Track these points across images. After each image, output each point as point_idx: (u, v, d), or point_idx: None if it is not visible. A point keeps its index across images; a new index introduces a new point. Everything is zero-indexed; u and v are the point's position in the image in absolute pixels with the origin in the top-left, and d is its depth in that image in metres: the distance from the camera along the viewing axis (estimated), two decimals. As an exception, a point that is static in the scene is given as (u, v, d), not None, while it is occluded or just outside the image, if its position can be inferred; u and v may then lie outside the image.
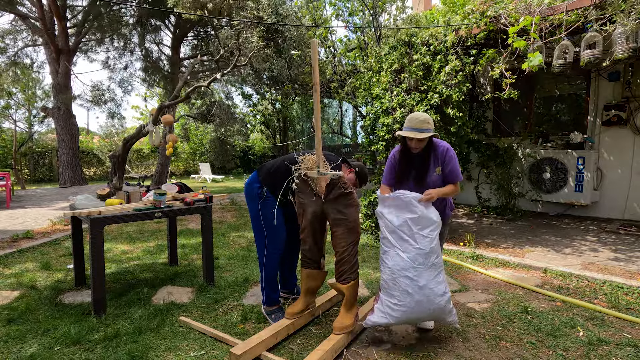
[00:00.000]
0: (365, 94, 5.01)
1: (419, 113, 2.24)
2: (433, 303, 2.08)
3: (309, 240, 2.40)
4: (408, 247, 2.12)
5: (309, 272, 2.44)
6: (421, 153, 2.29)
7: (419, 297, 2.07)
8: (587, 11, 3.32)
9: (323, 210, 2.34)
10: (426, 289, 2.07)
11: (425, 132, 2.17)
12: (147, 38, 11.43)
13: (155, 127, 4.61)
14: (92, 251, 2.53)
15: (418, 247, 2.10)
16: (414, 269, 2.08)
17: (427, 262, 2.10)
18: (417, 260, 2.09)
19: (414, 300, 2.07)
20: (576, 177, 5.52)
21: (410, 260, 2.10)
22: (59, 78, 11.24)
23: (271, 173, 2.52)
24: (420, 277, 2.08)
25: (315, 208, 2.33)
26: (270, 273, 2.58)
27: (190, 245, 4.55)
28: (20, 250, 4.25)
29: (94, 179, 15.78)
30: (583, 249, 4.09)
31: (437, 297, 2.08)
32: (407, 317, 2.11)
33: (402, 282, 2.10)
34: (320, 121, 2.29)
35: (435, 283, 2.10)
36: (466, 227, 5.23)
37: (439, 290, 2.09)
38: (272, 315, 2.53)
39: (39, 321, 2.52)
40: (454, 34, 4.01)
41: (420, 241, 2.11)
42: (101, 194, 3.44)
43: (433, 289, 2.08)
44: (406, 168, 2.35)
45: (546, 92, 6.32)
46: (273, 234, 2.52)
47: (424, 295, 2.07)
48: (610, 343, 2.22)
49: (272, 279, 2.60)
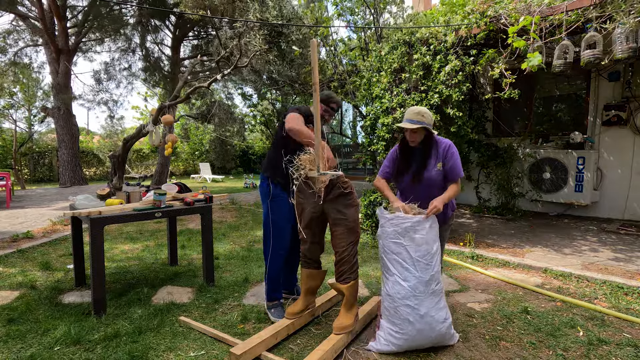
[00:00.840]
0: (365, 93, 5.01)
1: (417, 107, 2.26)
2: (434, 330, 2.06)
3: (308, 240, 2.40)
4: (408, 276, 2.09)
5: (308, 272, 2.44)
6: (421, 148, 2.28)
7: (420, 326, 2.05)
8: (587, 11, 3.32)
9: (323, 210, 2.33)
10: (427, 317, 2.06)
11: (416, 123, 2.16)
12: (148, 38, 11.43)
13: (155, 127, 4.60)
14: (92, 251, 2.53)
15: (419, 275, 2.08)
16: (415, 298, 2.07)
17: (428, 290, 2.08)
18: (417, 289, 2.07)
19: (415, 329, 2.06)
20: (576, 177, 5.52)
21: (410, 289, 2.08)
22: (59, 78, 11.24)
23: (269, 160, 2.62)
24: (421, 306, 2.07)
25: (315, 208, 2.33)
26: (274, 272, 2.61)
27: (190, 246, 4.55)
28: (20, 250, 4.26)
29: (94, 179, 15.79)
30: (583, 249, 4.09)
31: (438, 324, 2.07)
32: (409, 345, 2.09)
33: (403, 311, 2.09)
34: (320, 121, 2.29)
35: (436, 310, 2.09)
36: (466, 227, 5.23)
37: (440, 317, 2.09)
38: (272, 310, 2.59)
39: (39, 321, 2.52)
40: (454, 34, 4.01)
41: (421, 269, 2.09)
42: (101, 194, 3.44)
43: (434, 317, 2.07)
44: (405, 162, 2.34)
45: (546, 92, 6.32)
46: (279, 234, 2.56)
47: (425, 324, 2.06)
48: (610, 343, 2.22)
49: (275, 279, 2.62)
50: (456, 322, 2.52)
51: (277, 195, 2.56)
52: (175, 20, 10.97)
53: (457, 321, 2.53)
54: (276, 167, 2.51)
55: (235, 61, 5.99)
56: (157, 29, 11.61)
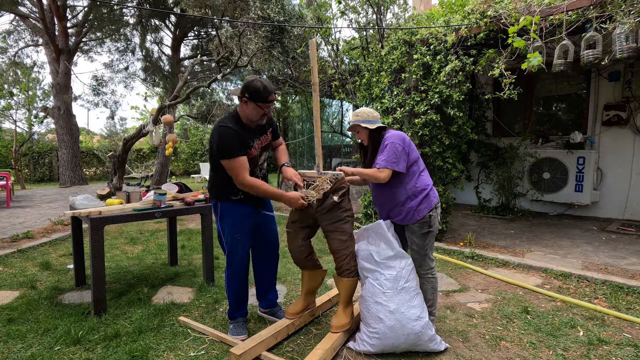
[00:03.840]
0: (365, 94, 5.01)
1: (360, 108, 2.37)
2: (406, 328, 2.03)
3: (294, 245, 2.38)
4: (377, 275, 2.16)
5: (308, 273, 2.44)
6: (370, 144, 2.32)
7: (390, 322, 2.04)
8: (587, 11, 3.32)
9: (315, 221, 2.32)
10: (397, 313, 2.05)
11: (353, 123, 2.29)
12: (148, 38, 11.43)
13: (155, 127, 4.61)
14: (92, 251, 2.53)
15: (384, 273, 2.14)
16: (384, 294, 2.10)
17: (396, 287, 2.10)
18: (385, 285, 2.11)
19: (386, 326, 2.05)
20: (576, 177, 5.52)
21: (379, 287, 2.12)
22: (59, 78, 11.24)
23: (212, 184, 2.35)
24: (390, 302, 2.08)
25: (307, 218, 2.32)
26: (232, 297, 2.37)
27: (190, 245, 4.55)
28: (20, 250, 4.26)
29: (94, 179, 15.78)
30: (583, 249, 4.09)
31: (410, 321, 2.04)
32: (383, 343, 2.07)
33: (373, 309, 2.11)
34: (320, 121, 2.29)
35: (408, 307, 2.07)
36: (466, 227, 5.23)
37: (412, 315, 2.05)
38: (230, 326, 2.36)
39: (39, 321, 2.52)
40: (454, 34, 4.01)
41: (385, 270, 2.14)
42: (101, 194, 3.44)
43: (404, 313, 2.05)
44: (362, 158, 2.45)
45: (546, 92, 6.32)
46: (230, 253, 2.33)
47: (395, 320, 2.04)
48: (610, 343, 2.22)
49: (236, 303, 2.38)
50: (456, 322, 2.52)
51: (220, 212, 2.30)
52: (175, 20, 10.96)
53: (457, 321, 2.53)
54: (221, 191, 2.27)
55: (236, 61, 6.00)
56: (157, 29, 11.62)
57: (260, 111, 2.11)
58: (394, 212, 2.26)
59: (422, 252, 2.26)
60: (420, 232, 2.22)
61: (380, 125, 2.27)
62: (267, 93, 2.08)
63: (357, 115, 2.29)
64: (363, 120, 2.26)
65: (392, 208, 2.26)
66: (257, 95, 2.07)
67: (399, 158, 2.14)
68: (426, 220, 2.20)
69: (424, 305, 2.16)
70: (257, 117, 2.14)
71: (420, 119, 4.18)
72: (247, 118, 2.16)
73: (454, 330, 2.40)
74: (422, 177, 2.25)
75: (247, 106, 2.12)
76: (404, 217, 2.23)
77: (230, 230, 2.29)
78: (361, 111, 2.29)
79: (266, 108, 2.11)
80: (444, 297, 2.96)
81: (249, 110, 2.12)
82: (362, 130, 2.30)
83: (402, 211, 2.22)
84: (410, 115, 4.39)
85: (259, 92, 2.07)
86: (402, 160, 2.15)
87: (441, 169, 4.39)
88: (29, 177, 14.41)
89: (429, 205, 2.21)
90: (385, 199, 2.28)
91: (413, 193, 2.19)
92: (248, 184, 2.10)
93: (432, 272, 2.31)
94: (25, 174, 13.95)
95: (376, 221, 2.27)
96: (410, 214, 2.20)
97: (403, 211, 2.22)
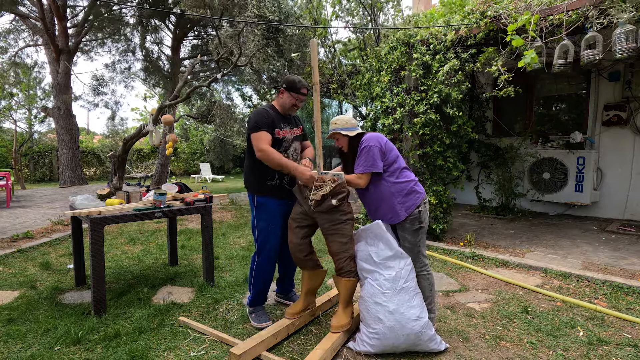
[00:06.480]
0: (365, 93, 5.01)
1: (339, 116, 2.39)
2: (406, 328, 2.03)
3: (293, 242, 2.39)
4: (376, 276, 2.16)
5: (308, 273, 2.44)
6: (350, 151, 2.35)
7: (390, 323, 2.04)
8: (587, 11, 3.32)
9: (314, 221, 2.33)
10: (397, 314, 2.05)
11: (331, 132, 2.34)
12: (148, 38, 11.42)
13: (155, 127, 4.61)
14: (92, 251, 2.53)
15: (383, 274, 2.14)
16: (383, 294, 2.10)
17: (396, 287, 2.10)
18: (384, 286, 2.11)
19: (386, 327, 2.05)
20: (576, 177, 5.52)
21: (378, 287, 2.12)
22: (59, 78, 11.24)
23: (245, 173, 2.55)
24: (390, 302, 2.07)
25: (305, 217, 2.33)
26: (259, 285, 2.52)
27: (190, 245, 4.55)
28: (20, 250, 4.26)
29: (94, 179, 15.78)
30: (583, 249, 4.09)
31: (409, 321, 2.04)
32: (383, 344, 2.07)
33: (373, 309, 2.11)
34: (320, 121, 2.29)
35: (407, 307, 2.07)
36: (466, 227, 5.23)
37: (412, 315, 2.05)
38: (252, 315, 2.50)
39: (39, 321, 2.52)
40: (453, 33, 4.02)
41: (384, 270, 2.14)
42: (101, 194, 3.44)
43: (404, 313, 2.05)
44: (343, 164, 2.49)
45: (546, 92, 6.32)
46: (261, 242, 2.47)
47: (395, 321, 2.04)
48: (610, 343, 2.22)
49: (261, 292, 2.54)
50: (456, 322, 2.52)
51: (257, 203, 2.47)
52: (175, 21, 10.96)
53: (457, 321, 2.53)
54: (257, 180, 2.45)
55: (235, 60, 6.00)
56: (157, 29, 11.61)
57: (292, 100, 2.44)
58: (382, 210, 2.27)
59: (415, 249, 2.27)
60: (411, 229, 2.24)
61: (360, 132, 2.32)
62: (300, 85, 2.43)
63: (335, 123, 2.33)
64: (342, 128, 2.30)
65: (379, 206, 2.28)
66: (292, 85, 2.42)
67: (375, 159, 2.19)
68: (416, 217, 2.22)
69: (424, 305, 2.16)
70: (289, 105, 2.46)
71: (420, 119, 4.18)
72: (281, 105, 2.49)
73: (454, 330, 2.40)
74: (405, 172, 2.28)
75: (283, 95, 2.45)
76: (393, 215, 2.24)
77: (266, 219, 2.46)
78: (340, 119, 2.34)
79: (297, 99, 2.43)
80: (444, 297, 2.96)
81: (284, 98, 2.45)
82: (342, 137, 2.34)
83: (391, 208, 2.23)
84: (410, 115, 4.39)
85: (294, 83, 2.42)
86: (379, 159, 2.20)
87: (442, 168, 4.39)
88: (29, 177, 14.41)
89: (415, 198, 2.23)
90: (372, 198, 2.31)
91: (397, 189, 2.22)
92: (265, 152, 2.28)
93: (426, 268, 2.33)
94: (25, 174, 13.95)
95: (375, 221, 2.26)
96: (398, 209, 2.22)
97: (391, 208, 2.23)
